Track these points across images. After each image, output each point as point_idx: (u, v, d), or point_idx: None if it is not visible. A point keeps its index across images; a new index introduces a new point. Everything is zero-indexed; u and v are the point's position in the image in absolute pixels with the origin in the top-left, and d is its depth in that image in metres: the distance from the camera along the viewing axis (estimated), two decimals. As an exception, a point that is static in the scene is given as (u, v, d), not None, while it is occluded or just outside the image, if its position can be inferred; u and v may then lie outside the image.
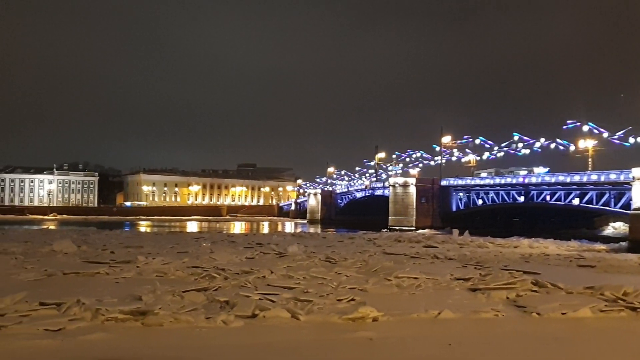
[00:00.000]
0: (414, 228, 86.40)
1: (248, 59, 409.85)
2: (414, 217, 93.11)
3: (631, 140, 76.78)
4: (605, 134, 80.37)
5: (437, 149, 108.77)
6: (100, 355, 10.77)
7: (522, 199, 77.77)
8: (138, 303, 14.52)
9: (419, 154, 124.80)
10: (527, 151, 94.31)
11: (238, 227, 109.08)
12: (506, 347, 12.18)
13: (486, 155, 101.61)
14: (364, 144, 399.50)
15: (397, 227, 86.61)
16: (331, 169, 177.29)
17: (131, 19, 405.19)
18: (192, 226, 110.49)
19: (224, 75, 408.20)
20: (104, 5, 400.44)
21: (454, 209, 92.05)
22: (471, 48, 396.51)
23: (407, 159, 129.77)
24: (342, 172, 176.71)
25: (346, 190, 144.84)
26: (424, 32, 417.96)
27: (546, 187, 73.14)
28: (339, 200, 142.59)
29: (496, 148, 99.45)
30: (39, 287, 17.29)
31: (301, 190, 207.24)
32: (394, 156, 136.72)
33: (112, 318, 13.21)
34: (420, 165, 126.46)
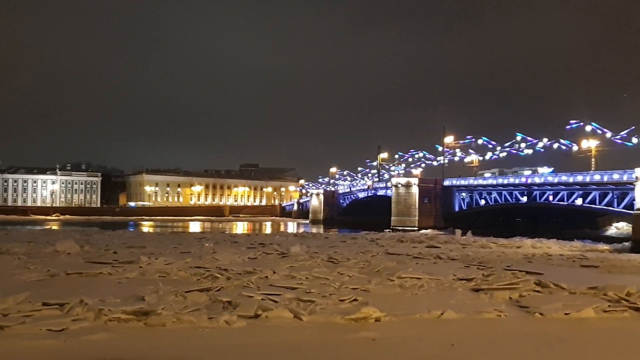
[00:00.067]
0: (416, 228, 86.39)
1: (249, 59, 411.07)
2: (417, 218, 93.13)
3: (634, 140, 76.67)
4: (609, 133, 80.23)
5: (440, 149, 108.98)
6: (103, 355, 10.78)
7: (525, 199, 77.64)
8: (141, 303, 14.53)
9: (421, 154, 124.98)
10: (529, 151, 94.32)
11: (240, 228, 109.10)
12: (509, 348, 12.15)
13: (489, 155, 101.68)
14: (367, 144, 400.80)
15: (400, 228, 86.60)
16: (334, 169, 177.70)
17: (131, 19, 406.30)
18: (195, 226, 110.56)
19: (225, 75, 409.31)
20: (104, 5, 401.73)
21: (457, 209, 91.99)
22: (473, 48, 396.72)
23: (410, 159, 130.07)
24: (345, 173, 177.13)
25: (349, 190, 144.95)
26: (426, 32, 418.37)
27: (549, 187, 73.00)
28: (341, 201, 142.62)
29: (499, 148, 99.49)
30: (41, 288, 17.32)
31: (304, 191, 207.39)
32: (397, 156, 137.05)
33: (114, 318, 13.22)
34: (423, 165, 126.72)
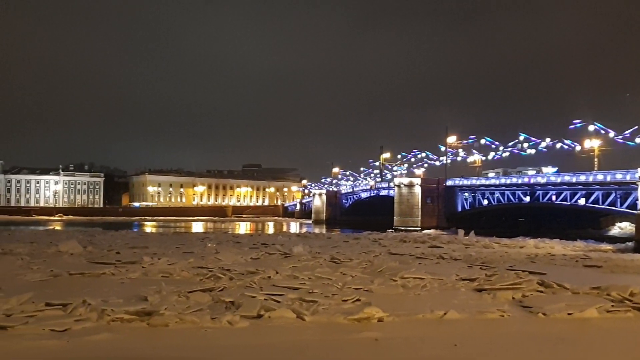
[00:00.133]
0: (419, 228, 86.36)
1: (249, 59, 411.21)
2: (419, 218, 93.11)
3: (637, 140, 76.25)
4: (611, 133, 79.97)
5: (443, 149, 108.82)
6: (106, 355, 10.81)
7: (527, 199, 77.53)
8: (144, 303, 14.55)
9: (424, 154, 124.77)
10: (532, 151, 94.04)
11: (243, 228, 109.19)
12: (512, 348, 12.13)
13: (491, 155, 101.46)
14: (369, 144, 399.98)
15: (403, 228, 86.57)
16: (336, 170, 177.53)
17: (131, 19, 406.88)
18: (198, 227, 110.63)
19: (226, 75, 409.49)
20: (104, 5, 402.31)
21: (460, 209, 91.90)
22: (474, 48, 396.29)
23: (412, 159, 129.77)
24: (347, 173, 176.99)
25: (351, 190, 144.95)
26: (426, 32, 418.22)
27: (552, 187, 72.89)
28: (344, 201, 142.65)
29: (501, 148, 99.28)
30: (45, 288, 17.37)
31: (306, 191, 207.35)
32: (399, 156, 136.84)
33: (117, 318, 13.24)
34: (426, 165, 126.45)
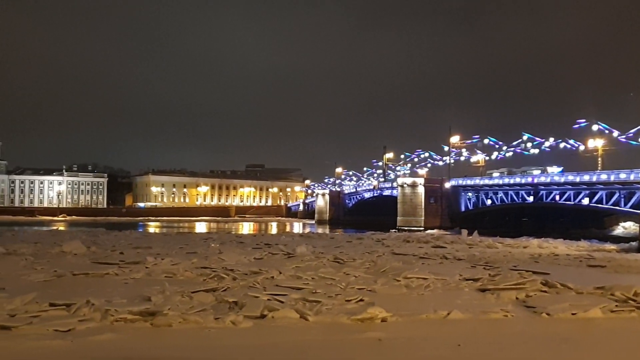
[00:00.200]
0: (422, 228, 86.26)
1: (249, 59, 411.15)
2: (423, 218, 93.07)
3: (641, 140, 76.22)
4: (615, 133, 79.80)
5: (446, 149, 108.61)
6: (109, 355, 10.82)
7: (531, 198, 77.44)
8: (147, 304, 14.55)
9: (427, 154, 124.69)
10: (536, 151, 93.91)
11: (246, 228, 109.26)
12: (516, 348, 12.10)
13: (495, 155, 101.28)
14: (372, 144, 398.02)
15: (406, 228, 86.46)
16: (339, 170, 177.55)
17: (131, 19, 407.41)
18: (201, 227, 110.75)
19: (226, 75, 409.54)
20: (104, 5, 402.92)
21: (463, 209, 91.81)
22: (474, 47, 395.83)
23: (416, 159, 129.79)
24: (350, 173, 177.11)
25: (354, 190, 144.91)
26: (428, 32, 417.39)
27: (555, 187, 72.76)
28: (347, 201, 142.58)
29: (505, 148, 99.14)
30: (48, 288, 17.39)
31: (309, 191, 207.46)
32: (402, 156, 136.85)
33: (121, 319, 13.24)
34: (429, 165, 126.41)
